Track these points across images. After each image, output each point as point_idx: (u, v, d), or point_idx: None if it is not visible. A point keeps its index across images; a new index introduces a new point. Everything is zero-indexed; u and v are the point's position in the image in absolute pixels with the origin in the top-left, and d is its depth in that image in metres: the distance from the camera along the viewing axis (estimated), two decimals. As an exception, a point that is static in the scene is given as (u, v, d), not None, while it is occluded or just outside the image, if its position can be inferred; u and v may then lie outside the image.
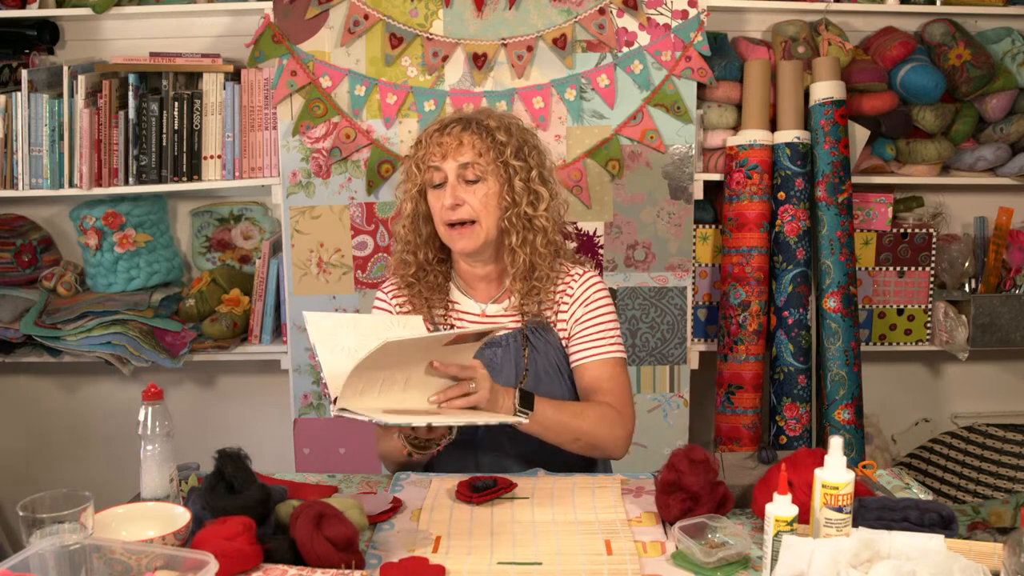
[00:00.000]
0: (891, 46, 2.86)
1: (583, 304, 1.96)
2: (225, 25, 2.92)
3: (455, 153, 1.88)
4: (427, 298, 1.98)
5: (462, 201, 1.88)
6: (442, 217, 1.90)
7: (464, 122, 1.91)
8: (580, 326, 1.96)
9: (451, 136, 1.89)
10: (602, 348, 1.95)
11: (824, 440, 2.79)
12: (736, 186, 2.79)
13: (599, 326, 1.96)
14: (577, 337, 1.96)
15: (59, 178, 2.75)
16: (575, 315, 1.96)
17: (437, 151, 1.89)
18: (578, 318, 1.96)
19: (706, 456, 1.66)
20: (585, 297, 1.97)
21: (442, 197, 1.89)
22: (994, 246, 3.01)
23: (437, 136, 1.90)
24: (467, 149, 1.88)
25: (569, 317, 1.97)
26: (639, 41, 2.72)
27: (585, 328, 1.96)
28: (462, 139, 1.88)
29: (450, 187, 1.88)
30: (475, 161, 1.88)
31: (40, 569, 1.33)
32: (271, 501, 1.57)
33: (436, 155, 1.89)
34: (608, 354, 1.95)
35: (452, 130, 1.89)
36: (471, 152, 1.88)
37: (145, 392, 1.62)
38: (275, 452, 2.96)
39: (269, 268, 2.86)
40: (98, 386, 3.14)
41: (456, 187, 1.88)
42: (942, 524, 1.53)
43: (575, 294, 1.97)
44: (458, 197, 1.87)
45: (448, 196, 1.87)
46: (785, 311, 2.79)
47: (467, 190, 1.88)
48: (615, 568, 1.50)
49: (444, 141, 1.89)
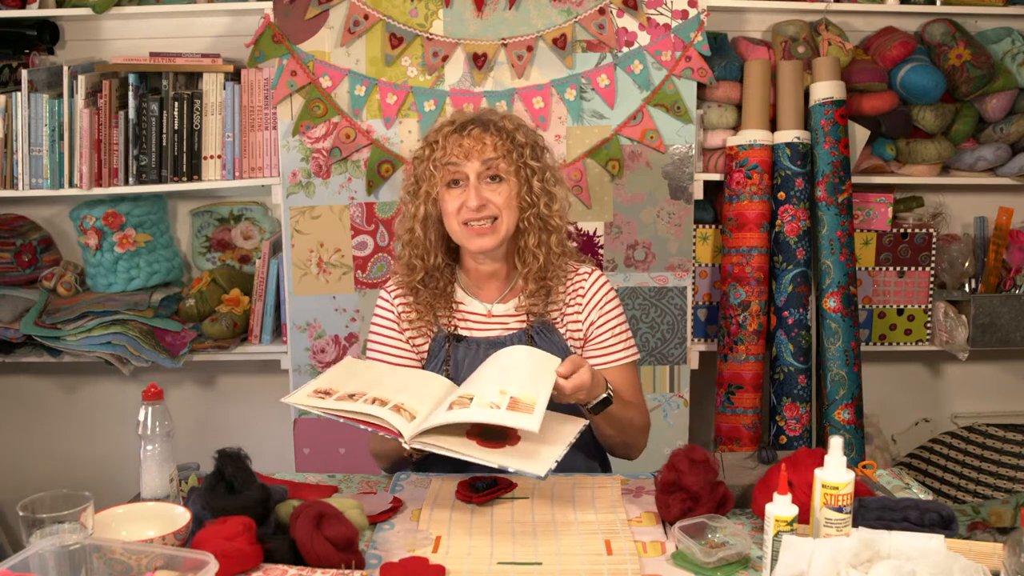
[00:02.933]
0: (891, 46, 2.86)
1: (597, 308, 1.98)
2: (225, 25, 2.91)
3: (479, 153, 1.87)
4: (431, 303, 1.98)
5: (486, 201, 1.88)
6: (460, 216, 1.89)
7: (482, 123, 1.90)
8: (596, 331, 1.98)
9: (472, 137, 1.88)
10: (618, 354, 1.99)
11: (824, 440, 2.79)
12: (736, 186, 2.79)
13: (614, 331, 1.99)
14: (594, 342, 1.99)
15: (59, 178, 2.75)
16: (591, 319, 1.98)
17: (459, 151, 1.87)
18: (593, 322, 1.98)
19: (706, 456, 1.66)
20: (598, 301, 1.98)
21: (460, 196, 1.88)
22: (994, 246, 3.01)
23: (456, 137, 1.89)
24: (489, 150, 1.88)
25: (584, 319, 1.98)
26: (639, 41, 2.72)
27: (602, 333, 1.98)
28: (484, 140, 1.88)
29: (473, 187, 1.87)
30: (498, 163, 1.88)
31: (40, 569, 1.33)
32: (271, 501, 1.57)
33: (458, 155, 1.88)
34: (624, 359, 2.00)
35: (472, 131, 1.89)
36: (493, 152, 1.88)
37: (145, 392, 1.62)
38: (275, 452, 2.96)
39: (269, 268, 2.86)
40: (98, 386, 3.13)
41: (479, 187, 1.87)
42: (942, 524, 1.53)
43: (588, 297, 1.98)
44: (482, 197, 1.87)
45: (473, 197, 1.86)
46: (785, 311, 2.79)
47: (489, 189, 1.88)
48: (615, 568, 1.50)
49: (465, 143, 1.88)
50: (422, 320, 1.97)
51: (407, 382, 1.80)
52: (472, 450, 1.61)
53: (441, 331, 1.98)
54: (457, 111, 1.98)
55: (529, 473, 1.57)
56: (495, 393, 1.65)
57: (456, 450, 1.61)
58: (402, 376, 1.85)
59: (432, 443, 1.62)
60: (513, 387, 1.66)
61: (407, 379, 1.82)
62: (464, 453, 1.60)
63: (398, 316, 2.00)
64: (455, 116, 1.95)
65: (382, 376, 1.82)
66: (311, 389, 1.71)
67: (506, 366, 1.75)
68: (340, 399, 1.68)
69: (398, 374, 1.87)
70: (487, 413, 1.61)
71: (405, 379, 1.82)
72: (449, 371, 1.94)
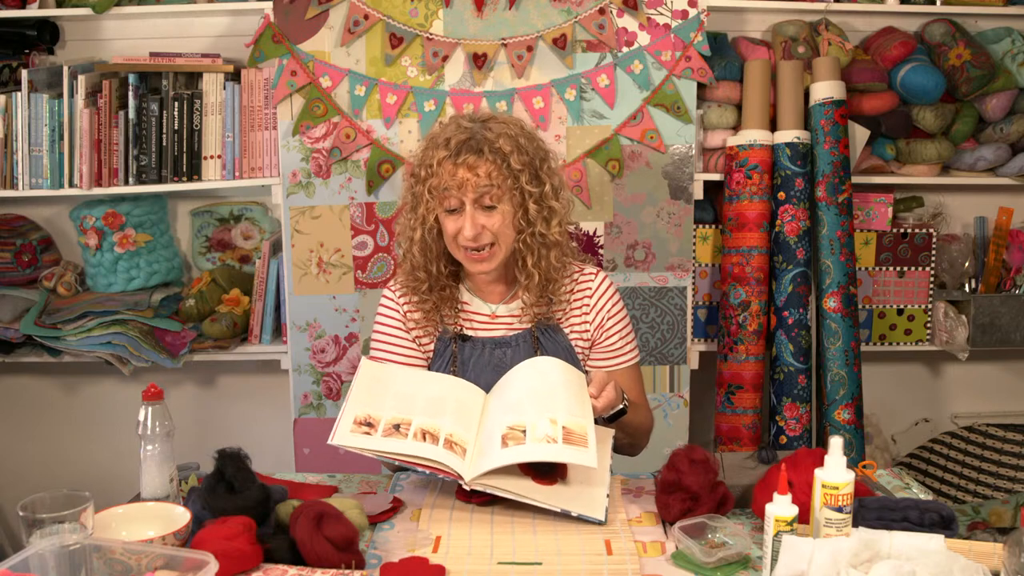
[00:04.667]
0: (891, 46, 2.86)
1: (604, 311, 2.00)
2: (225, 25, 2.91)
3: (473, 185, 1.84)
4: (437, 308, 1.98)
5: (481, 229, 1.87)
6: (459, 242, 1.89)
7: (476, 149, 1.85)
8: (603, 334, 2.00)
9: (466, 166, 1.84)
10: (623, 357, 2.03)
11: (824, 440, 2.79)
12: (736, 186, 2.79)
13: (620, 334, 2.02)
14: (601, 345, 2.01)
15: (59, 178, 2.75)
16: (598, 322, 2.00)
17: (452, 181, 1.85)
18: (601, 325, 2.00)
19: (706, 456, 1.66)
20: (604, 304, 2.00)
21: (458, 222, 1.87)
22: (994, 246, 3.01)
23: (450, 166, 1.85)
24: (484, 180, 1.85)
25: (592, 322, 2.00)
26: (639, 41, 2.72)
27: (610, 337, 2.01)
28: (478, 170, 1.84)
29: (469, 217, 1.86)
30: (491, 191, 1.86)
31: (40, 569, 1.33)
32: (271, 501, 1.57)
33: (451, 185, 1.85)
34: (630, 361, 2.05)
35: (466, 159, 1.84)
36: (487, 181, 1.85)
37: (145, 392, 1.62)
38: (275, 452, 2.96)
39: (269, 268, 2.86)
40: (98, 386, 3.13)
41: (474, 216, 1.86)
42: (942, 524, 1.53)
43: (594, 300, 2.00)
44: (477, 227, 1.86)
45: (468, 227, 1.85)
46: (785, 311, 2.79)
47: (485, 216, 1.87)
48: (615, 568, 1.50)
49: (459, 173, 1.84)
50: (428, 320, 1.98)
51: (439, 395, 1.80)
52: (531, 492, 1.66)
53: (447, 331, 1.98)
54: (453, 121, 1.93)
55: (592, 519, 1.64)
56: (546, 423, 1.68)
57: (516, 492, 1.65)
58: (429, 385, 1.83)
59: (492, 484, 1.65)
60: (560, 414, 1.70)
61: (436, 390, 1.81)
62: (526, 496, 1.65)
63: (404, 315, 2.00)
64: (450, 134, 1.88)
65: (410, 388, 1.81)
66: (350, 420, 1.70)
67: (548, 389, 1.76)
68: (387, 434, 1.68)
69: (424, 383, 1.85)
70: (546, 450, 1.64)
71: (434, 390, 1.81)
72: (456, 371, 1.95)
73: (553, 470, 1.71)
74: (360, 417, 1.71)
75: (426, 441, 1.68)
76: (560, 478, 1.70)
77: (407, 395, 1.78)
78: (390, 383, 1.81)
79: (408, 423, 1.71)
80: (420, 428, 1.70)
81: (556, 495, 1.67)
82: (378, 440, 1.67)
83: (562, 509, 1.64)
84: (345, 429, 1.69)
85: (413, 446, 1.67)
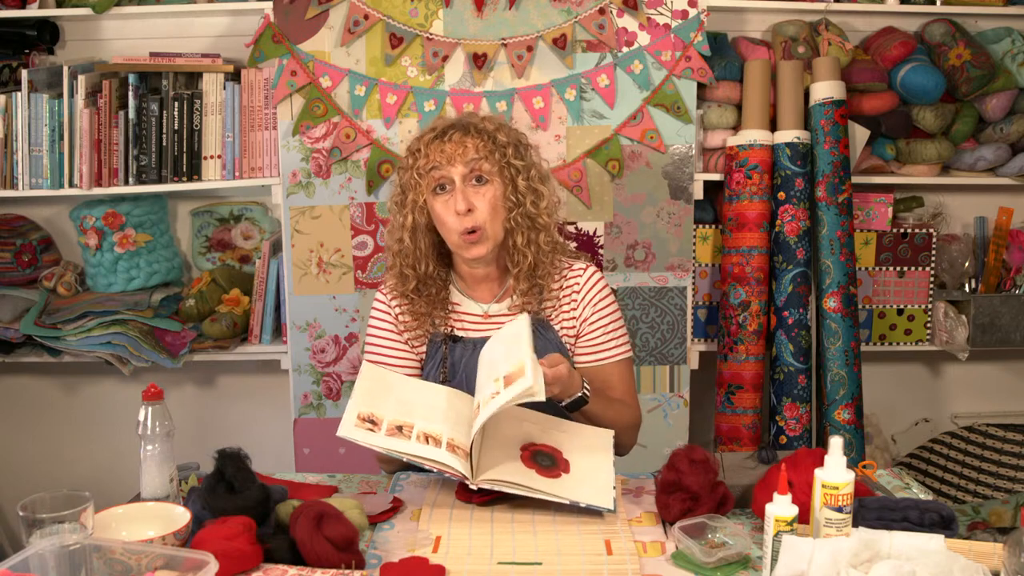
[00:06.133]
0: (891, 46, 2.86)
1: (591, 304, 1.99)
2: (225, 25, 2.92)
3: (461, 156, 1.87)
4: (428, 311, 1.98)
5: (473, 205, 1.87)
6: (456, 226, 1.88)
7: (463, 127, 1.90)
8: (588, 327, 1.99)
9: (454, 141, 1.88)
10: (611, 351, 2.00)
11: (824, 440, 2.79)
12: (736, 186, 2.79)
13: (607, 328, 2.00)
14: (586, 338, 1.99)
15: (59, 178, 2.75)
16: (584, 315, 1.99)
17: (441, 156, 1.87)
18: (587, 318, 1.99)
19: (706, 456, 1.66)
20: (592, 298, 1.99)
21: (451, 203, 1.87)
22: (994, 246, 3.01)
23: (438, 143, 1.89)
24: (471, 151, 1.88)
25: (579, 316, 1.99)
26: (639, 41, 2.72)
27: (594, 330, 1.99)
28: (466, 143, 1.88)
29: (459, 191, 1.87)
30: (480, 163, 1.88)
31: (40, 569, 1.33)
32: (271, 501, 1.57)
33: (440, 160, 1.88)
34: (616, 356, 2.01)
35: (453, 135, 1.89)
36: (475, 154, 1.88)
37: (145, 392, 1.62)
38: (275, 452, 2.96)
39: (269, 268, 2.86)
40: (98, 386, 3.14)
41: (465, 190, 1.87)
42: (942, 524, 1.53)
43: (582, 294, 1.99)
44: (469, 201, 1.87)
45: (460, 201, 1.86)
46: (785, 311, 2.79)
47: (475, 192, 1.88)
48: (615, 568, 1.50)
49: (447, 147, 1.88)
50: (419, 323, 1.98)
51: (436, 404, 1.80)
52: (536, 482, 1.66)
53: (438, 332, 1.98)
54: (438, 118, 1.98)
55: (601, 508, 1.65)
56: (491, 384, 1.69)
57: (522, 484, 1.65)
58: (427, 395, 1.84)
59: (498, 479, 1.66)
60: (501, 368, 1.70)
61: (434, 399, 1.82)
62: (532, 489, 1.65)
63: (395, 318, 2.00)
64: (436, 123, 1.95)
65: (409, 396, 1.81)
66: (354, 415, 1.71)
67: (491, 359, 1.78)
68: (391, 433, 1.69)
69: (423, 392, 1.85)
70: (492, 405, 1.64)
71: (432, 399, 1.82)
72: (446, 372, 1.95)
73: (555, 464, 1.71)
74: (364, 414, 1.71)
75: (429, 444, 1.68)
76: (564, 471, 1.71)
77: (407, 401, 1.79)
78: (391, 388, 1.82)
79: (410, 426, 1.71)
80: (422, 432, 1.70)
81: (563, 487, 1.67)
82: (383, 438, 1.67)
83: (571, 500, 1.64)
84: (349, 423, 1.69)
85: (417, 447, 1.67)
